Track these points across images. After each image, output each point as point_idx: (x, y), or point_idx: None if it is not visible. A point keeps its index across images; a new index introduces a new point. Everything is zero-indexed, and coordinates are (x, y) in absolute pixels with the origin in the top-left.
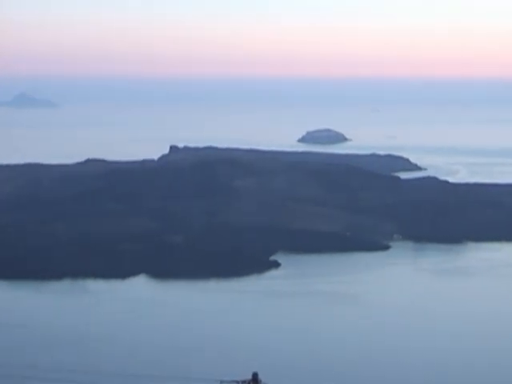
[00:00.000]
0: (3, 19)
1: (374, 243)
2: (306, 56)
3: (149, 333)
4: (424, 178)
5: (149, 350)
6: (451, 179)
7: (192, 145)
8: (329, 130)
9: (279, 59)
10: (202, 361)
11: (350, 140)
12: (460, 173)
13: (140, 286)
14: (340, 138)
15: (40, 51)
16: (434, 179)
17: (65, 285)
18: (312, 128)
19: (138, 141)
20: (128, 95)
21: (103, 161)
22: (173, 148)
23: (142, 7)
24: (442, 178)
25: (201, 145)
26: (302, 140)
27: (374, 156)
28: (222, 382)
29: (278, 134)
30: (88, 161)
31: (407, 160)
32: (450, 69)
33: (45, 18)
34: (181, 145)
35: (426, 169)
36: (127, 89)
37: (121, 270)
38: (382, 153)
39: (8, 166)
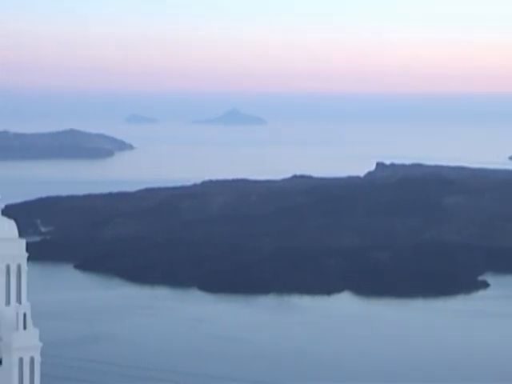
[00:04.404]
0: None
1: None
2: None
3: (356, 349)
4: None
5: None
6: None
7: (398, 161)
8: None
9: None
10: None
11: None
12: None
13: (346, 302)
14: None
15: (251, 67)
16: None
17: (271, 300)
18: None
19: (345, 158)
20: (333, 112)
21: (309, 177)
22: (379, 165)
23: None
24: None
25: (407, 162)
26: None
27: None
28: None
29: (488, 150)
30: (294, 177)
31: None
32: None
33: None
34: (387, 161)
35: None
36: (329, 107)
37: (325, 286)
38: None
39: (218, 181)
